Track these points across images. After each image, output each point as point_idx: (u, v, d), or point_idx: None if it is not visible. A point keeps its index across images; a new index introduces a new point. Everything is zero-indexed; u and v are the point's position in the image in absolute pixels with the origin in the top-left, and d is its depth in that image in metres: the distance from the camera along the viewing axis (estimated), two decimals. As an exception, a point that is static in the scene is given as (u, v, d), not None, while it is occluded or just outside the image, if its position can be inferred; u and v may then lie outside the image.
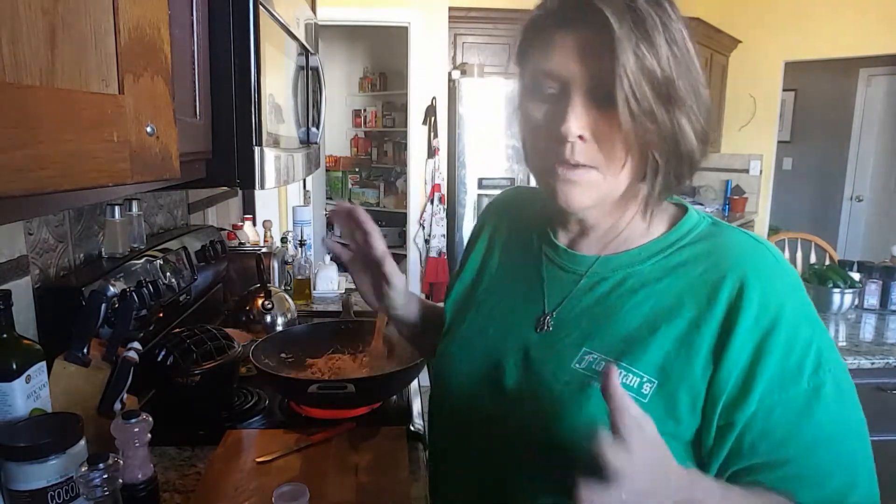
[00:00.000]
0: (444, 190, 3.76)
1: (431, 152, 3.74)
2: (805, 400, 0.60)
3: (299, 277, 2.09)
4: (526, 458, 0.68)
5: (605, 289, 0.69)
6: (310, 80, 1.38)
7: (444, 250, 3.79)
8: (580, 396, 0.64)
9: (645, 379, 0.62)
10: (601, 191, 0.64)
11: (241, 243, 2.12)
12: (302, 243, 2.14)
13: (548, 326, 0.71)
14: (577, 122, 0.60)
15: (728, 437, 0.62)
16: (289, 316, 1.67)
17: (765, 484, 0.61)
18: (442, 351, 0.82)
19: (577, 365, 0.66)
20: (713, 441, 0.62)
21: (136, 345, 1.03)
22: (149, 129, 0.58)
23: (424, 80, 3.73)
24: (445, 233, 3.79)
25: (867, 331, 2.08)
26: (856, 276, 2.26)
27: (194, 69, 0.81)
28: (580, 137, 0.61)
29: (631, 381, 0.62)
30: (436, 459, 0.86)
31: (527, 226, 0.81)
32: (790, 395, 0.60)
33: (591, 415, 0.63)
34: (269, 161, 0.93)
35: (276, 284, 2.03)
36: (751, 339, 0.60)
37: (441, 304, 0.92)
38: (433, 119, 3.73)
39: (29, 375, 0.84)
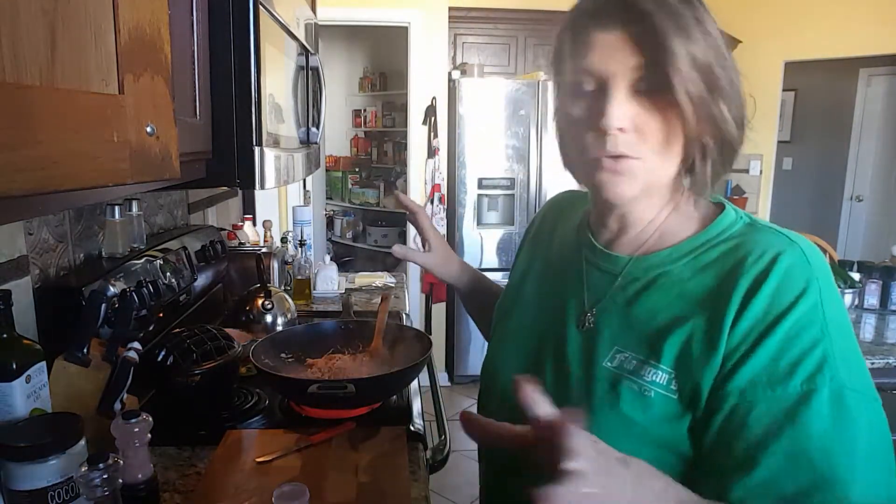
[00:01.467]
0: (444, 190, 3.76)
1: (431, 152, 3.74)
2: (792, 403, 0.57)
3: (299, 277, 2.09)
4: None
5: (637, 289, 0.69)
6: (310, 80, 1.38)
7: (444, 250, 3.78)
8: (611, 395, 0.66)
9: (673, 375, 0.63)
10: (645, 181, 0.66)
11: (241, 243, 2.12)
12: (302, 243, 2.14)
13: (589, 324, 0.72)
14: (616, 115, 0.62)
15: (710, 427, 0.61)
16: (289, 316, 1.67)
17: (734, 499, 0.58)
18: (491, 346, 0.88)
19: (609, 363, 0.68)
20: (700, 429, 0.61)
21: (136, 345, 1.02)
22: (149, 129, 0.58)
23: (424, 80, 3.73)
24: (445, 233, 3.79)
25: (867, 331, 2.08)
26: (856, 276, 2.26)
27: (194, 69, 0.81)
28: (621, 129, 0.63)
29: (661, 379, 0.63)
30: (482, 454, 0.88)
31: (571, 226, 0.84)
32: (776, 395, 0.58)
33: (622, 413, 0.64)
34: (269, 161, 0.93)
35: (276, 284, 2.03)
36: (753, 329, 0.60)
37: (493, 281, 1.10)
38: (433, 119, 3.73)
39: (29, 375, 0.84)
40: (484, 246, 3.74)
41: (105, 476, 0.70)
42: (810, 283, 0.60)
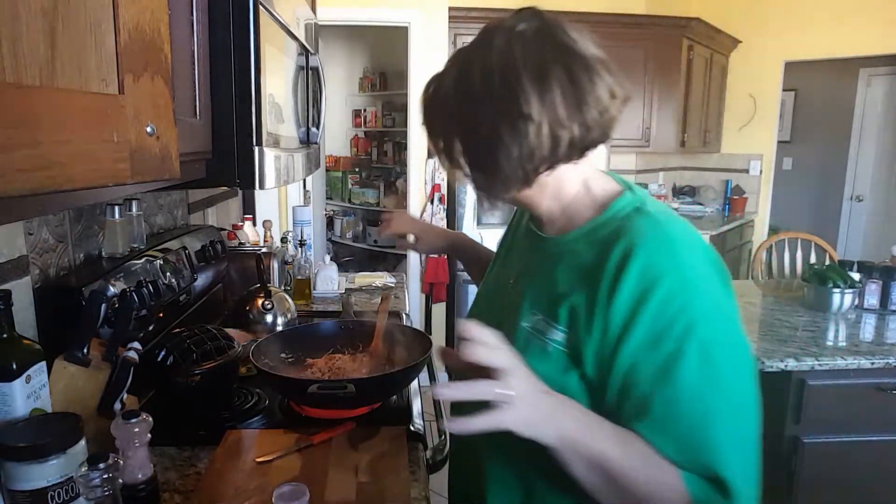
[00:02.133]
0: (444, 190, 3.76)
1: (431, 152, 3.74)
2: (665, 362, 0.70)
3: (299, 277, 2.09)
4: None
5: (552, 262, 0.84)
6: (310, 80, 1.38)
7: (444, 250, 3.78)
8: (523, 350, 0.79)
9: (567, 335, 0.77)
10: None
11: (241, 243, 2.12)
12: (302, 243, 2.14)
13: (517, 291, 0.88)
14: None
15: (609, 389, 0.74)
16: (289, 316, 1.67)
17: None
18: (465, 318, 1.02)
19: (526, 324, 0.83)
20: (601, 390, 0.75)
21: (136, 345, 1.03)
22: (149, 129, 0.58)
23: (424, 80, 3.71)
24: (445, 233, 3.78)
25: (867, 331, 2.08)
26: (856, 276, 2.25)
27: (194, 69, 0.81)
28: None
29: (559, 337, 0.78)
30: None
31: (526, 217, 0.98)
32: (654, 356, 0.71)
33: (529, 364, 0.74)
34: (269, 161, 0.93)
35: (276, 284, 2.03)
36: (628, 303, 0.72)
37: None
38: (433, 119, 3.72)
39: (29, 375, 0.84)
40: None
41: (105, 476, 0.71)
42: (674, 261, 0.72)
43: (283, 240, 2.39)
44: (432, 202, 3.75)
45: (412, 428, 1.18)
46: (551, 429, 0.68)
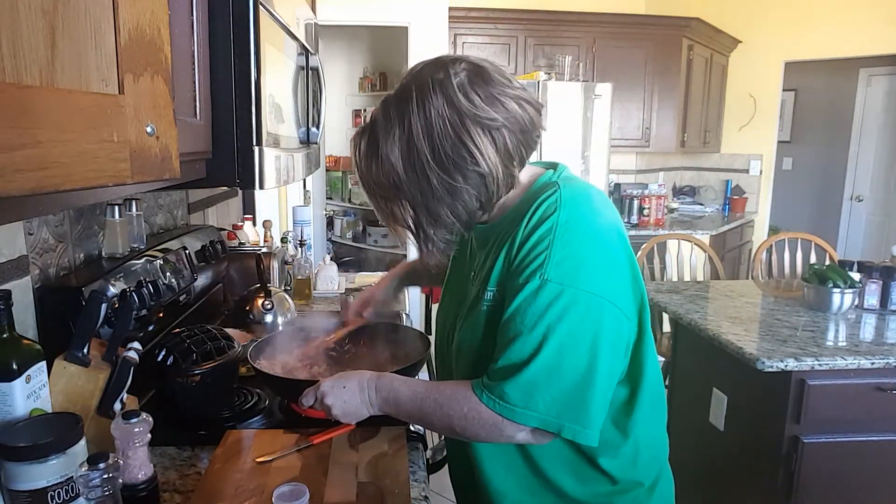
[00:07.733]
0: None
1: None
2: (516, 288, 0.85)
3: (299, 277, 2.09)
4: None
5: (491, 242, 0.96)
6: (310, 80, 1.38)
7: (444, 250, 3.78)
8: (471, 310, 0.96)
9: (494, 292, 0.91)
10: None
11: (241, 243, 2.12)
12: (302, 243, 2.14)
13: (475, 271, 1.01)
14: None
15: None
16: (289, 316, 1.67)
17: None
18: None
19: (475, 293, 0.96)
20: None
21: (136, 345, 1.03)
22: (149, 129, 0.58)
23: (424, 80, 3.73)
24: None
25: (867, 331, 2.08)
26: (856, 276, 2.25)
27: (194, 69, 0.81)
28: None
29: (489, 296, 0.92)
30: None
31: None
32: (511, 284, 0.86)
33: (473, 318, 0.94)
34: (269, 161, 0.93)
35: (276, 284, 2.03)
36: (518, 249, 0.86)
37: None
38: (433, 119, 3.73)
39: (29, 375, 0.84)
40: (484, 246, 3.74)
41: (105, 476, 0.71)
42: (554, 214, 0.85)
43: (283, 240, 2.39)
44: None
45: (412, 428, 1.18)
46: (364, 410, 0.95)
